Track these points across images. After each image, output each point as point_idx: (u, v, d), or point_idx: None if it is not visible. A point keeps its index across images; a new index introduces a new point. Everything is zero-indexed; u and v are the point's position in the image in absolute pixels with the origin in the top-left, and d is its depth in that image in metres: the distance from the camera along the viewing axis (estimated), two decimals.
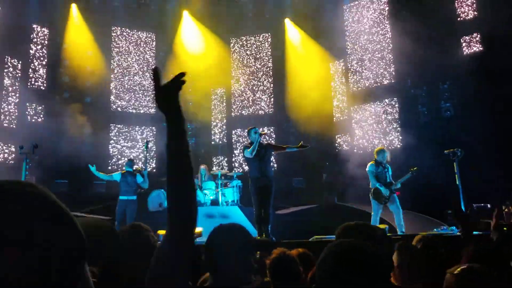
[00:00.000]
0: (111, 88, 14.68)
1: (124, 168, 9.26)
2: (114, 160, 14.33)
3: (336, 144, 13.94)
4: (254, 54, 15.70)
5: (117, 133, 14.58)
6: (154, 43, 15.53)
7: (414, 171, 7.91)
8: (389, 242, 2.55)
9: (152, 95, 15.21)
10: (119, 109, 14.77)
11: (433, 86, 11.82)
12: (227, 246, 1.96)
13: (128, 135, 14.73)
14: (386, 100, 12.87)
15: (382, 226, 7.21)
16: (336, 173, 12.12)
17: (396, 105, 12.72)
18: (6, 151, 11.88)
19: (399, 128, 12.53)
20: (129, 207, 8.77)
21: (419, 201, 9.97)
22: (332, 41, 13.88)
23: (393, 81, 12.90)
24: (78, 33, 13.49)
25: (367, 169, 8.07)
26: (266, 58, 15.64)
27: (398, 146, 12.26)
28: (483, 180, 8.82)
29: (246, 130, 7.98)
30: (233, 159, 15.08)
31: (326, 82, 14.32)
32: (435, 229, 7.86)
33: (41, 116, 13.02)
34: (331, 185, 11.98)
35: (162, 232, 7.40)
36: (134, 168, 9.31)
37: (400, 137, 12.40)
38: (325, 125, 13.27)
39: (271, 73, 15.49)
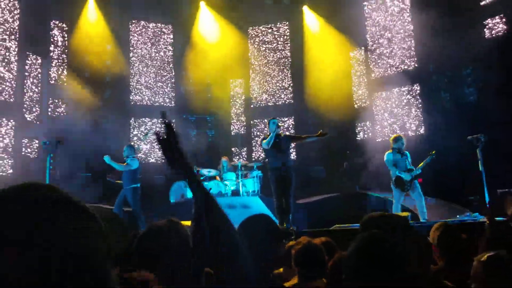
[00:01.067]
0: (130, 81, 14.81)
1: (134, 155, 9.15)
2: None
3: (357, 132, 13.83)
4: (272, 44, 15.62)
5: (137, 126, 14.73)
6: (171, 35, 15.58)
7: (433, 154, 7.84)
8: (411, 231, 2.55)
9: (172, 91, 15.32)
10: (138, 102, 14.90)
11: (456, 71, 11.58)
12: (255, 235, 2.02)
13: (148, 127, 14.87)
14: (408, 87, 12.67)
15: (404, 214, 7.17)
16: (357, 161, 12.04)
17: (418, 92, 12.52)
18: (30, 145, 12.12)
19: (421, 115, 12.36)
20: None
21: (442, 188, 9.85)
22: (352, 28, 13.69)
23: (415, 67, 12.70)
24: (95, 27, 13.61)
25: (385, 158, 8.02)
26: (285, 47, 15.53)
27: (421, 133, 12.11)
28: (506, 166, 8.67)
29: (266, 121, 8.02)
30: (253, 150, 15.11)
31: (346, 70, 14.16)
32: (458, 216, 7.78)
33: (63, 110, 13.24)
34: (352, 174, 11.92)
35: (185, 223, 7.53)
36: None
37: (423, 124, 12.23)
38: (346, 113, 13.16)
39: (290, 62, 15.39)
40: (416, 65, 12.67)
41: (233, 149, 15.27)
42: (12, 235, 0.52)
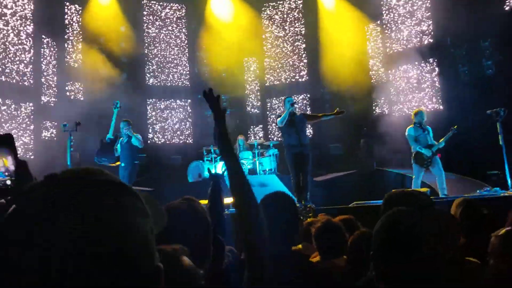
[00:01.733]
0: (145, 62, 14.83)
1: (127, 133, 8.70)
2: (151, 132, 14.61)
3: (374, 108, 13.68)
4: (286, 21, 15.41)
5: (153, 108, 14.81)
6: (185, 15, 15.48)
7: (454, 129, 7.75)
8: (432, 207, 2.53)
9: (187, 71, 15.31)
10: (154, 83, 14.94)
11: (473, 44, 11.31)
12: (275, 212, 2.05)
13: (164, 108, 14.94)
14: (425, 61, 12.43)
15: (423, 189, 7.12)
16: (374, 138, 11.95)
17: (436, 66, 12.28)
18: (49, 128, 12.29)
19: (439, 90, 12.15)
20: None
21: (461, 163, 9.74)
22: (367, 2, 13.42)
23: (431, 41, 12.43)
24: (109, 9, 13.59)
25: (406, 133, 7.94)
26: (299, 23, 15.31)
27: (439, 108, 11.92)
28: None
29: (282, 99, 8.01)
30: (269, 128, 15.09)
31: (362, 45, 13.93)
32: (478, 191, 7.70)
33: (80, 93, 13.35)
34: (369, 150, 11.85)
35: (204, 201, 7.60)
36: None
37: (440, 99, 12.03)
38: (362, 89, 13.00)
39: (304, 39, 15.19)
40: (433, 39, 12.39)
41: (249, 128, 15.27)
42: (81, 214, 0.55)
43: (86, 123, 9.59)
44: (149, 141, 14.36)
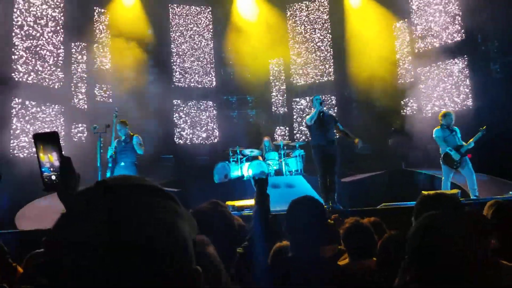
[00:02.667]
0: (172, 64, 15.00)
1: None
2: (178, 133, 14.76)
3: (402, 108, 13.45)
4: (311, 20, 15.33)
5: (179, 109, 14.96)
6: (210, 16, 15.60)
7: (483, 130, 7.57)
8: (462, 209, 2.48)
9: (213, 73, 15.42)
10: (180, 84, 15.10)
11: (504, 40, 10.99)
12: (303, 216, 2.04)
13: (191, 110, 15.08)
14: (455, 59, 12.16)
15: (453, 191, 6.97)
16: (402, 138, 11.76)
17: (466, 64, 12.00)
18: (80, 130, 12.56)
19: (470, 88, 11.86)
20: None
21: (493, 163, 9.49)
22: (395, 0, 13.24)
23: (461, 38, 12.15)
24: (135, 12, 13.81)
25: (433, 135, 7.80)
26: (325, 22, 15.20)
27: (469, 107, 11.64)
28: None
29: (309, 99, 7.99)
30: (295, 129, 15.04)
31: (390, 44, 13.73)
32: (510, 192, 7.49)
33: (110, 96, 13.61)
34: (397, 151, 11.67)
35: (230, 203, 7.62)
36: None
37: (471, 98, 11.74)
38: (390, 89, 12.82)
39: (330, 38, 15.07)
40: (463, 36, 12.10)
41: (274, 128, 15.26)
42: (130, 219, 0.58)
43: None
44: (176, 142, 14.52)
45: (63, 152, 1.37)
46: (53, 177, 1.36)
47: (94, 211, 0.58)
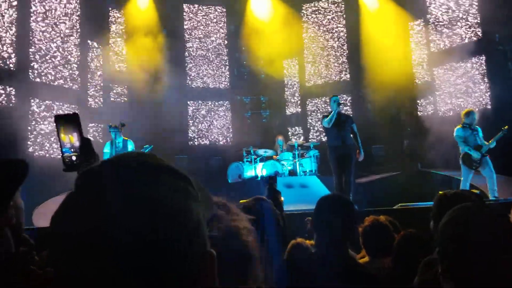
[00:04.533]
0: (186, 64, 15.04)
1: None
2: (192, 133, 14.79)
3: (418, 109, 13.29)
4: (326, 20, 15.24)
5: (193, 109, 14.99)
6: (224, 16, 15.61)
7: (505, 130, 7.43)
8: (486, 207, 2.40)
9: (227, 73, 15.43)
10: (194, 85, 15.14)
11: None
12: (332, 213, 2.01)
13: (205, 110, 15.10)
14: (472, 59, 11.97)
15: (474, 191, 6.84)
16: (418, 138, 11.62)
17: (483, 63, 11.81)
18: (96, 129, 12.67)
19: (487, 88, 11.66)
20: None
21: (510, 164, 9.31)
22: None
23: (478, 38, 11.96)
24: (149, 13, 13.89)
25: (454, 134, 7.68)
26: (340, 22, 15.09)
27: (487, 107, 11.44)
28: None
29: (327, 99, 7.95)
30: (309, 129, 14.96)
31: (405, 43, 13.58)
32: None
33: (124, 96, 13.71)
34: (413, 152, 11.54)
35: (244, 201, 7.61)
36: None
37: (489, 97, 11.55)
38: (405, 89, 12.69)
39: (345, 38, 14.95)
40: (480, 35, 11.92)
41: (288, 128, 15.21)
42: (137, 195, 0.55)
43: (130, 124, 9.81)
44: (190, 143, 14.55)
45: (83, 134, 1.37)
46: (74, 158, 1.36)
47: (99, 189, 0.55)
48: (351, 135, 7.92)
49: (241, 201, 2.02)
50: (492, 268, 1.16)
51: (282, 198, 5.62)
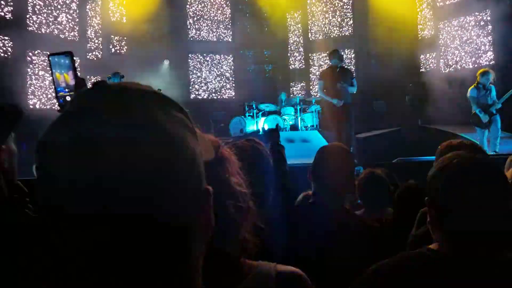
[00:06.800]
0: (187, 17, 14.73)
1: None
2: (193, 87, 14.70)
3: (421, 64, 13.12)
4: None
5: (195, 63, 14.81)
6: None
7: None
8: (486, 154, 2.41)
9: (229, 26, 15.13)
10: (196, 38, 14.89)
11: None
12: (331, 163, 2.03)
13: (206, 64, 14.93)
14: (478, 13, 11.68)
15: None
16: (420, 94, 11.54)
17: (490, 18, 11.52)
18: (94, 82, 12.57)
19: (493, 43, 11.44)
20: None
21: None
22: None
23: None
24: None
25: (468, 94, 7.61)
26: None
27: (491, 63, 11.28)
28: None
29: (327, 53, 7.83)
30: (311, 84, 14.84)
31: None
32: None
33: (124, 47, 13.51)
34: (414, 107, 11.49)
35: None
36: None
37: (494, 54, 11.36)
38: (409, 43, 12.48)
39: None
40: None
41: (291, 83, 15.09)
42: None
43: (130, 77, 9.73)
44: (192, 97, 14.49)
45: (78, 73, 1.38)
46: (68, 98, 1.36)
47: (91, 111, 0.51)
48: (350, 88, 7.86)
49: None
50: (480, 218, 1.17)
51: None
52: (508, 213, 1.17)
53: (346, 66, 8.36)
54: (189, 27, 14.75)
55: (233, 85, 15.06)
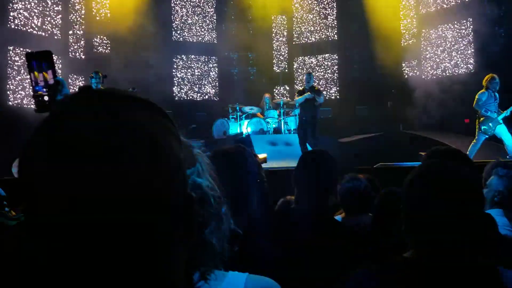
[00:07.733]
0: (172, 18, 14.65)
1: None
2: (177, 88, 14.63)
3: (403, 70, 13.29)
4: None
5: (179, 64, 14.74)
6: None
7: None
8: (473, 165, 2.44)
9: (214, 28, 15.11)
10: (181, 39, 14.82)
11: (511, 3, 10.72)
12: (313, 168, 2.03)
13: (191, 65, 14.87)
14: (459, 22, 11.90)
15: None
16: (402, 100, 11.69)
17: (471, 27, 11.74)
18: (77, 82, 12.44)
19: (473, 52, 11.66)
20: None
21: None
22: None
23: (466, 0, 11.84)
24: None
25: (476, 97, 7.53)
26: None
27: (473, 71, 11.48)
28: None
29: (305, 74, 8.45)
30: (295, 88, 14.89)
31: (395, 4, 13.41)
32: (507, 156, 7.49)
33: (108, 47, 13.38)
34: (396, 113, 11.63)
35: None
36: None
37: (474, 61, 11.57)
38: (392, 50, 12.62)
39: None
40: None
41: (275, 87, 15.12)
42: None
43: (113, 78, 9.65)
44: (175, 98, 14.41)
45: (57, 74, 1.35)
46: (46, 98, 1.33)
47: (75, 117, 0.50)
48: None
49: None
50: (443, 227, 1.17)
51: (264, 155, 5.68)
52: (472, 221, 1.18)
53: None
54: (174, 28, 14.68)
55: (217, 87, 15.03)
